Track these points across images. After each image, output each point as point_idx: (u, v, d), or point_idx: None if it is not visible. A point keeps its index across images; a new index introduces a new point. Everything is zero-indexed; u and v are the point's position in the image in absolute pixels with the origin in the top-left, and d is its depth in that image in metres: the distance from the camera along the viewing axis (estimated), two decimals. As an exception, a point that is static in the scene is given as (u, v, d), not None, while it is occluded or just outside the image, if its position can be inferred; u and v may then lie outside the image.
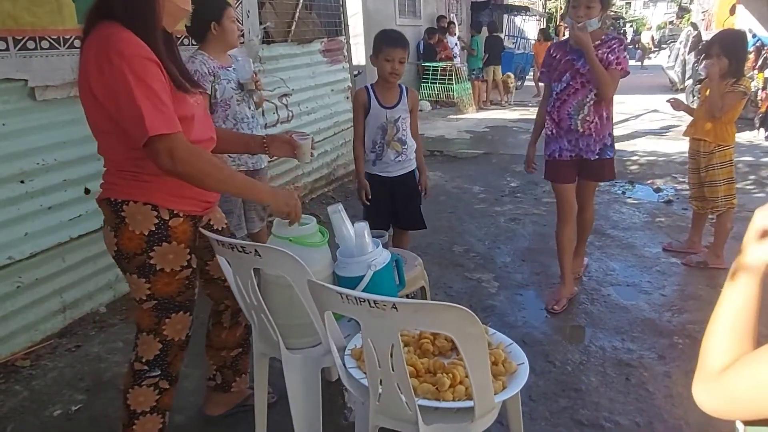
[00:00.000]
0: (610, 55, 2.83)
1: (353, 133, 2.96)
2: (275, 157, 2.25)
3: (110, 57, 1.48)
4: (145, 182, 1.66)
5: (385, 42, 2.78)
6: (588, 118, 2.89)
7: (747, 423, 0.82)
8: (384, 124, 2.86)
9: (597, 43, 2.82)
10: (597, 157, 2.96)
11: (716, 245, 3.52)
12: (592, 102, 2.87)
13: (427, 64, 10.93)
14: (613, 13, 29.35)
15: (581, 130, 2.92)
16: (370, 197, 2.92)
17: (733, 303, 0.84)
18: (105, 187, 1.73)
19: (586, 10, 2.74)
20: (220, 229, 1.98)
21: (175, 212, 1.72)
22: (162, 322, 1.79)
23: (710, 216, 3.65)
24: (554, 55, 3.03)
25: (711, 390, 0.80)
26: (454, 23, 12.22)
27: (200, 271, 1.97)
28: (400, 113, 2.86)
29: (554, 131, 3.01)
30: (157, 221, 1.69)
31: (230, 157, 2.93)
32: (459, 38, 11.99)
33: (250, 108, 3.12)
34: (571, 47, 2.92)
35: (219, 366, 2.20)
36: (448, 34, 11.47)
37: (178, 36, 3.47)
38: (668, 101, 3.80)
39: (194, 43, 3.16)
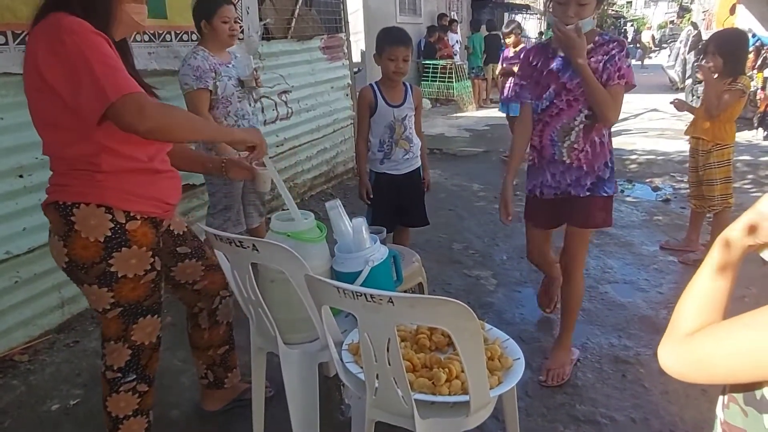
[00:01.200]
0: (608, 65, 2.13)
1: (356, 131, 2.93)
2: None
3: (62, 37, 1.45)
4: (99, 182, 1.58)
5: (387, 40, 2.75)
6: (576, 146, 2.23)
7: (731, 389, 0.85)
8: (392, 123, 2.84)
9: (589, 47, 2.14)
10: (588, 193, 2.27)
11: (712, 244, 3.52)
12: (582, 126, 2.21)
13: (427, 62, 10.93)
14: (613, 12, 29.37)
15: (568, 161, 2.26)
16: (372, 196, 2.92)
17: (712, 275, 0.88)
18: (52, 190, 1.63)
19: (577, 8, 2.06)
20: (181, 233, 1.94)
21: (131, 214, 1.64)
22: (129, 328, 1.72)
23: (708, 215, 3.66)
24: (534, 62, 2.31)
25: (678, 352, 0.83)
26: (456, 21, 12.22)
27: (166, 277, 1.94)
28: (406, 111, 2.86)
29: (536, 161, 2.38)
30: (113, 225, 1.60)
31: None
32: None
33: (250, 104, 3.13)
34: (555, 53, 2.23)
35: (209, 365, 2.19)
36: (450, 31, 11.47)
37: (181, 32, 3.48)
38: (672, 102, 3.80)
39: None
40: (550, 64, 2.23)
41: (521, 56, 2.39)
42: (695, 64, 9.91)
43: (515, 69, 5.01)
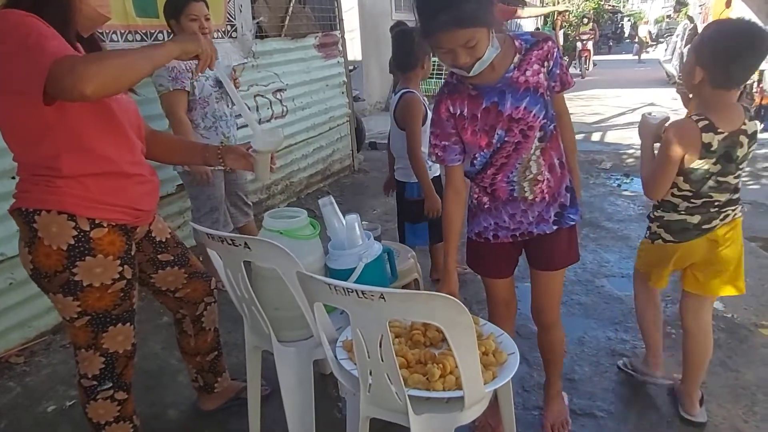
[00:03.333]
0: (555, 69, 1.73)
1: (412, 142, 2.71)
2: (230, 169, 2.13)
3: None
4: (58, 188, 1.50)
5: (426, 45, 2.74)
6: (540, 177, 1.79)
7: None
8: None
9: (516, 60, 1.69)
10: (555, 227, 1.85)
11: None
12: (539, 151, 1.77)
13: (423, 59, 10.90)
14: (610, 7, 29.32)
15: (531, 197, 1.81)
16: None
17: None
18: (17, 196, 1.57)
19: (467, 50, 1.55)
20: (163, 240, 1.88)
21: (96, 222, 1.56)
22: (99, 337, 1.65)
23: None
24: (455, 112, 1.76)
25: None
26: None
27: (147, 284, 1.92)
28: None
29: (487, 203, 1.88)
30: (76, 233, 1.53)
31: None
32: None
33: (228, 106, 3.10)
34: (479, 86, 1.71)
35: (198, 370, 2.18)
36: None
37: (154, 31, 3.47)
38: (678, 91, 3.77)
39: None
40: (480, 102, 1.71)
41: (433, 111, 1.83)
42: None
43: None
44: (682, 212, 1.95)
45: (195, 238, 3.19)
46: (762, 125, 7.16)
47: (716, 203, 1.93)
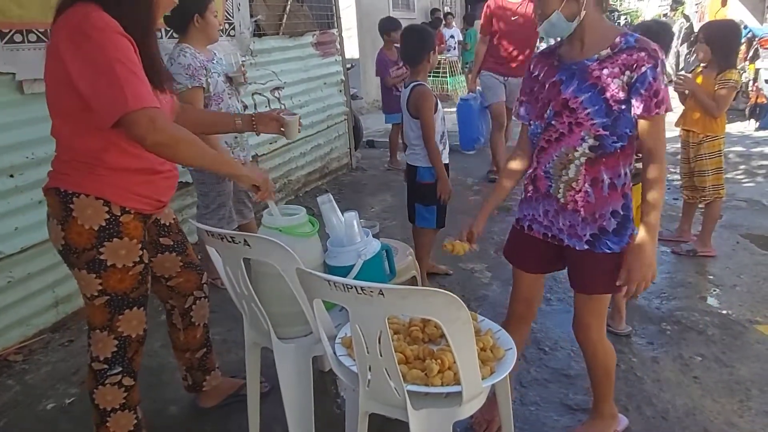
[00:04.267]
0: (638, 85, 1.59)
1: (427, 129, 2.91)
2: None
3: (88, 32, 1.46)
4: (100, 176, 1.62)
5: (431, 39, 2.99)
6: (575, 185, 1.73)
7: None
8: (444, 116, 3.05)
9: (599, 54, 1.65)
10: (586, 247, 1.76)
11: (704, 234, 3.55)
12: (584, 159, 1.70)
13: (420, 57, 10.90)
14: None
15: (562, 201, 1.77)
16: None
17: None
18: (54, 175, 1.66)
19: (536, 0, 1.69)
20: (167, 224, 1.95)
21: (126, 209, 1.67)
22: (115, 318, 1.73)
23: (700, 206, 3.68)
24: (535, 73, 1.83)
25: None
26: (452, 14, 12.21)
27: None
28: None
29: (530, 191, 1.87)
30: (108, 217, 1.64)
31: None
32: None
33: (239, 101, 3.13)
34: (561, 60, 1.75)
35: (187, 367, 2.19)
36: (445, 26, 11.45)
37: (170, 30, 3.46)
38: (676, 89, 3.79)
39: (175, 35, 3.14)
40: (554, 75, 1.73)
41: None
42: (687, 56, 9.94)
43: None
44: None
45: (198, 234, 3.21)
46: (757, 124, 7.23)
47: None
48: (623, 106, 1.64)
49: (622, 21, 29.17)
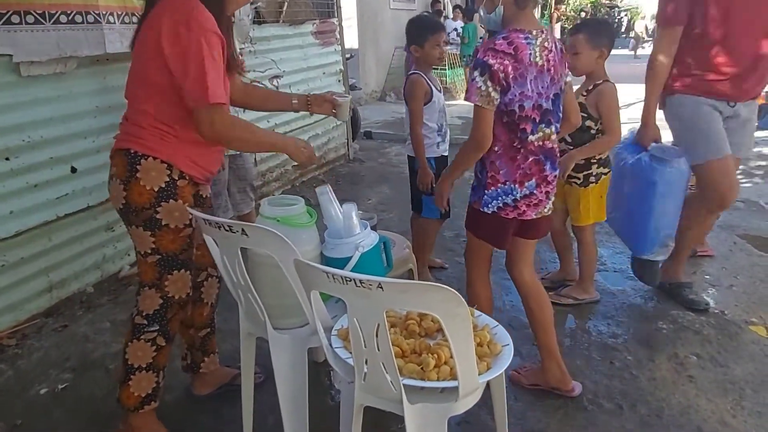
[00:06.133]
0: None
1: (413, 120, 2.95)
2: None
3: (190, 25, 1.65)
4: (170, 143, 1.79)
5: (430, 29, 2.92)
6: None
7: None
8: (443, 107, 3.05)
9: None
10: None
11: (703, 234, 3.54)
12: None
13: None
14: (607, 2, 29.28)
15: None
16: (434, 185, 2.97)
17: None
18: (125, 138, 1.82)
19: None
20: (204, 196, 2.05)
21: (184, 174, 1.84)
22: (164, 277, 1.87)
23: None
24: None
25: None
26: (460, 7, 12.19)
27: None
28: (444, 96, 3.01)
29: None
30: (168, 180, 1.80)
31: None
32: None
33: None
34: None
35: (189, 345, 2.23)
36: (450, 18, 11.42)
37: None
38: None
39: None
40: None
41: None
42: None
43: None
44: None
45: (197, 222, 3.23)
46: (757, 123, 7.23)
47: None
48: None
49: (623, 17, 29.14)
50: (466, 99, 2.00)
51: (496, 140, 2.01)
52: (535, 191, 2.04)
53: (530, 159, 2.02)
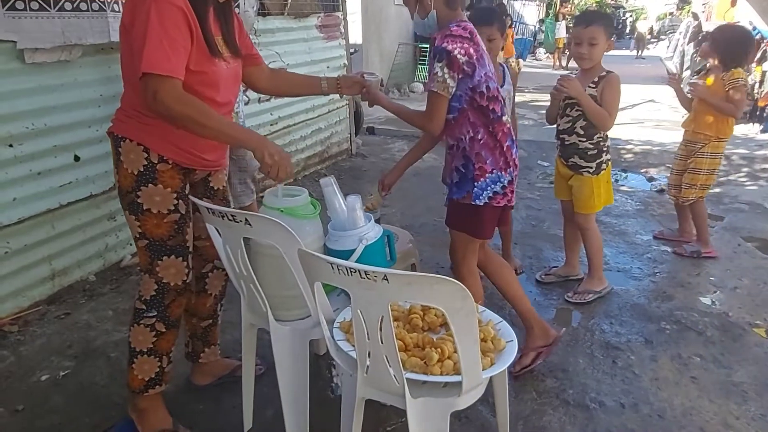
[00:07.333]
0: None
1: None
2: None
3: None
4: (146, 126, 1.75)
5: (481, 21, 2.74)
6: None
7: None
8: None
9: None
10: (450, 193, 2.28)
11: (702, 234, 3.55)
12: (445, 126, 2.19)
13: (423, 45, 10.83)
14: (612, 2, 29.19)
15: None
16: None
17: None
18: (113, 120, 1.84)
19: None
20: (216, 188, 2.04)
21: (164, 158, 1.78)
22: (155, 263, 1.84)
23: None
24: None
25: None
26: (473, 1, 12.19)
27: None
28: (506, 91, 2.86)
29: None
30: (146, 163, 1.77)
31: None
32: None
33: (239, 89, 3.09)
34: None
35: (191, 333, 2.22)
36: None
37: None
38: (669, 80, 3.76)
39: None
40: None
41: None
42: (694, 55, 9.89)
43: None
44: None
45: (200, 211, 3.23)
46: (761, 126, 7.21)
47: None
48: None
49: (628, 18, 29.06)
50: (425, 89, 2.00)
51: (476, 128, 2.08)
52: (513, 176, 2.14)
53: (506, 144, 2.10)
